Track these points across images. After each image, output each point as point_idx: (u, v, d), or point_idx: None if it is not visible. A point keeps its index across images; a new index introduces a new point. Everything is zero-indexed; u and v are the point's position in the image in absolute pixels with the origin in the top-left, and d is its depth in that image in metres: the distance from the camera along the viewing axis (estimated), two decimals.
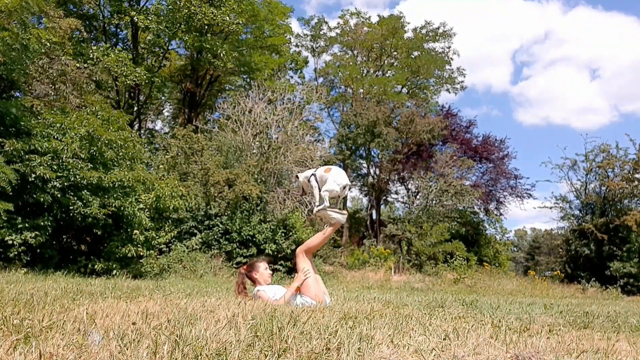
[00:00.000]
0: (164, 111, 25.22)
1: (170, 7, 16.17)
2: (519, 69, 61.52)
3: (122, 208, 8.75)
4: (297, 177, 4.19)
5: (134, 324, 2.17)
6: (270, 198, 13.73)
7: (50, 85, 10.13)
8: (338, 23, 26.26)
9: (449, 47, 25.16)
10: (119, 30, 18.93)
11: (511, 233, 39.65)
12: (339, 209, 3.90)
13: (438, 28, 24.97)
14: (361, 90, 23.64)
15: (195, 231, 12.72)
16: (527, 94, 62.43)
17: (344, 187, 3.81)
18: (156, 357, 1.55)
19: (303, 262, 3.74)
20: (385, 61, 25.53)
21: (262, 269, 3.93)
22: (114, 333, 1.88)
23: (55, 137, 8.41)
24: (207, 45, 16.80)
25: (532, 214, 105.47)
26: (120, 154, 9.40)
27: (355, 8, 26.79)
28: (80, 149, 8.38)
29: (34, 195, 7.75)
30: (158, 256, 10.21)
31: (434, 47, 25.30)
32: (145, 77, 15.19)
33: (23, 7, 8.53)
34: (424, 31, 24.98)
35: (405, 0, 47.31)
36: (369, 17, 26.03)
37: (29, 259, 7.87)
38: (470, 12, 50.80)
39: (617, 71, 60.81)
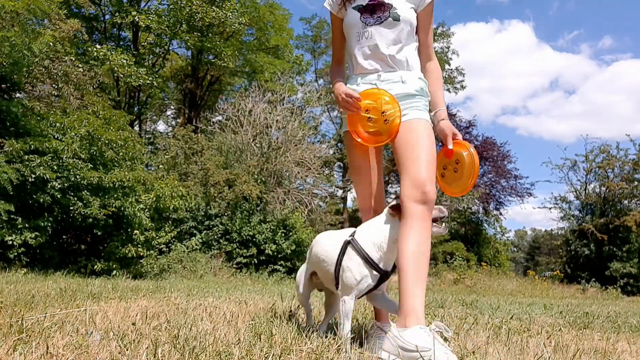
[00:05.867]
0: (166, 112, 25.21)
1: (171, 6, 16.16)
2: None
3: (122, 208, 8.74)
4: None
5: (133, 324, 2.17)
6: (270, 198, 13.73)
7: (54, 86, 10.12)
8: None
9: (448, 47, 25.24)
10: (120, 31, 18.90)
11: (511, 233, 39.67)
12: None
13: (437, 28, 25.02)
14: None
15: (195, 231, 12.72)
16: None
17: None
18: (156, 358, 1.55)
19: None
20: None
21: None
22: (114, 333, 1.88)
23: (56, 137, 8.39)
24: (209, 45, 16.76)
25: (534, 218, 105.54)
26: (121, 154, 9.39)
27: None
28: (80, 149, 8.36)
29: (34, 196, 7.74)
30: (158, 256, 10.20)
31: (434, 47, 25.36)
32: (147, 78, 15.19)
33: (29, 10, 8.53)
34: None
35: None
36: None
37: (28, 259, 7.87)
38: None
39: None
